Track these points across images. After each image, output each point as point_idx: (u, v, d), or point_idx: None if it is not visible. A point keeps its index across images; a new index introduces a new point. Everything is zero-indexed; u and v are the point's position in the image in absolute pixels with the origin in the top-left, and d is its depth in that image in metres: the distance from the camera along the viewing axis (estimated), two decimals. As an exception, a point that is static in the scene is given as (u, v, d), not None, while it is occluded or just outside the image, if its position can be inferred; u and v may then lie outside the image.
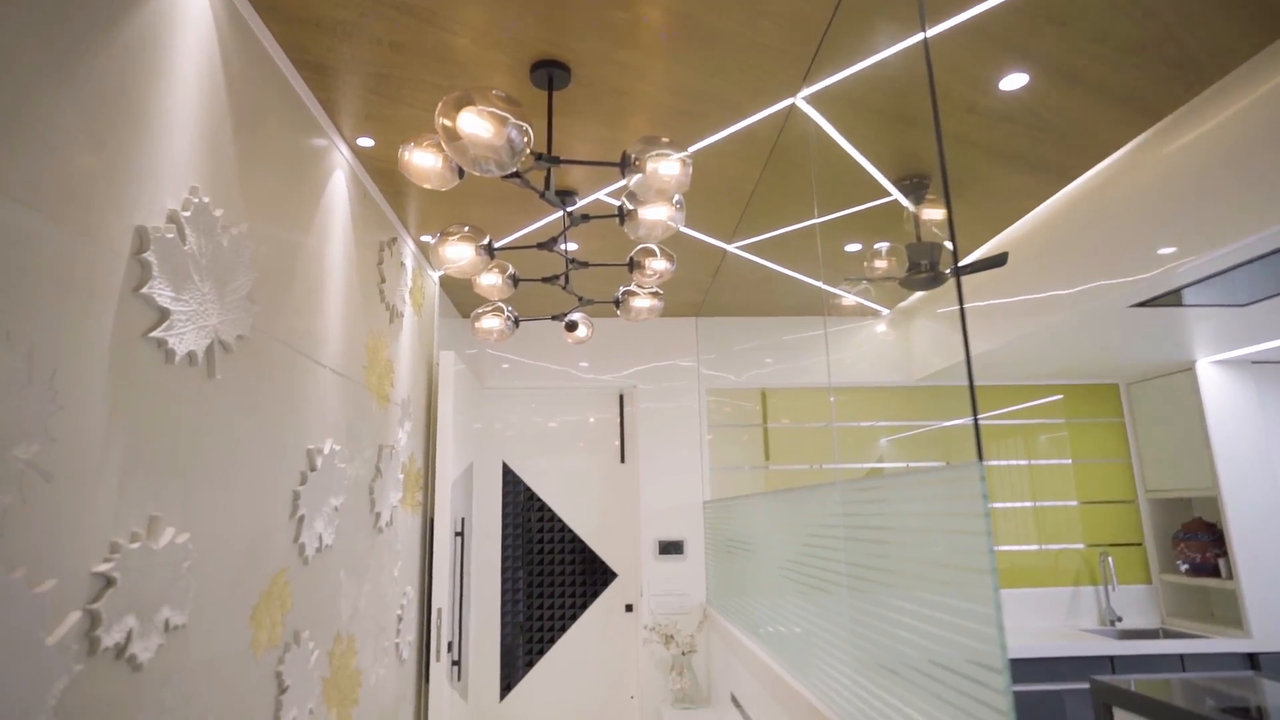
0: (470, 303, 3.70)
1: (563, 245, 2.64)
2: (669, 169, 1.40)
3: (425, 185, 1.56)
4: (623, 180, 1.42)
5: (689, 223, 2.79)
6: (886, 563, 1.31)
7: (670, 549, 3.75)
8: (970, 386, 0.98)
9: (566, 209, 1.85)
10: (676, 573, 3.73)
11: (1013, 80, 1.86)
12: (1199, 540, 3.46)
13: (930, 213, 2.26)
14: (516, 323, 2.64)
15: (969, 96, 1.94)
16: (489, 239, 1.95)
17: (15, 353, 0.92)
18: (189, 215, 1.27)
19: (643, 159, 1.41)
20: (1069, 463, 3.88)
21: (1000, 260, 2.36)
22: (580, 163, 1.54)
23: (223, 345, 1.39)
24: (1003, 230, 2.84)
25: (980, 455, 0.98)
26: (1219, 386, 3.37)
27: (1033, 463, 3.88)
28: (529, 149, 1.27)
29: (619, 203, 1.81)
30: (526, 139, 1.26)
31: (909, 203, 2.49)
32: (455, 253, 1.94)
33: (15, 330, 0.92)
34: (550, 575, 3.93)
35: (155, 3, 1.22)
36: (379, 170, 2.28)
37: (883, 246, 2.53)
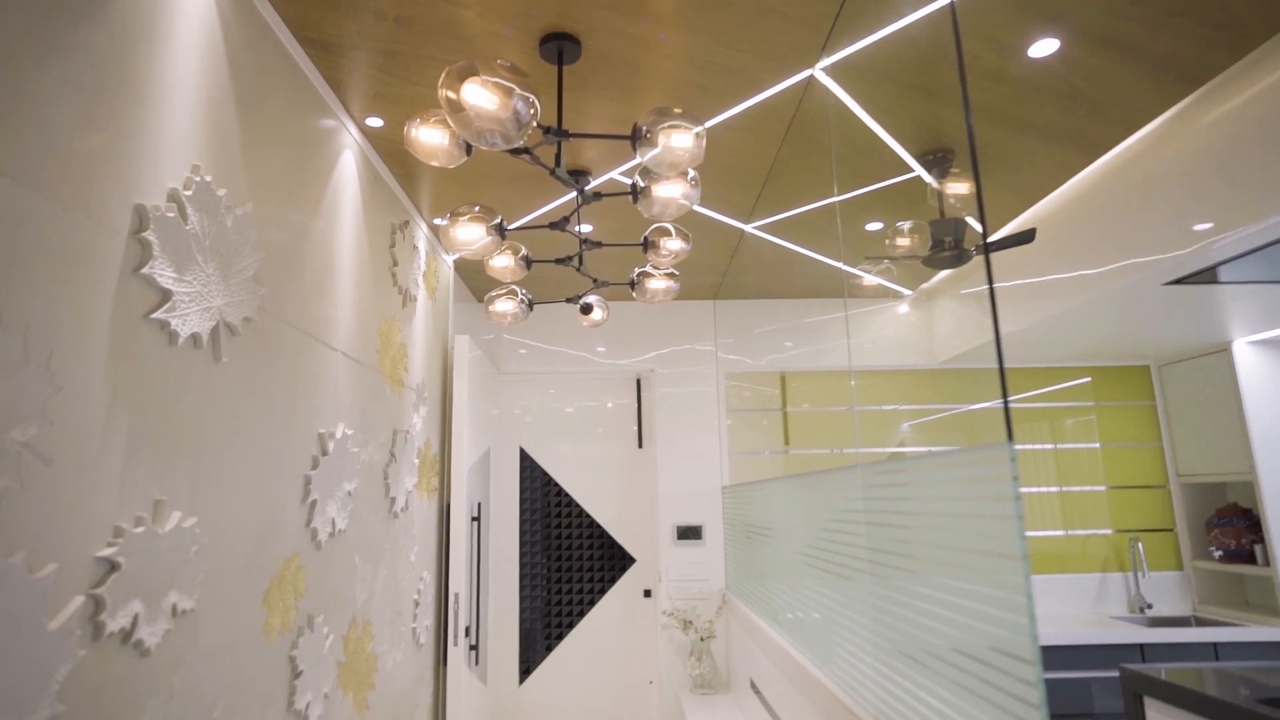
0: (485, 287, 3.67)
1: (576, 226, 2.60)
2: (682, 141, 1.35)
3: (432, 162, 1.53)
4: (636, 158, 1.37)
5: (705, 202, 2.74)
6: (910, 548, 1.26)
7: (688, 534, 3.72)
8: (1000, 365, 0.93)
9: (579, 188, 1.81)
10: (695, 558, 3.71)
11: (1043, 46, 1.78)
12: (1234, 526, 3.36)
13: (954, 187, 2.18)
14: (531, 306, 2.60)
15: (996, 65, 1.86)
16: (500, 219, 1.91)
17: (10, 333, 0.89)
18: (190, 194, 1.25)
19: (654, 131, 1.36)
20: (1097, 446, 3.78)
21: (1028, 237, 2.28)
22: (590, 135, 1.49)
23: (228, 327, 1.37)
24: (1030, 206, 2.75)
25: (1010, 435, 0.93)
26: (1256, 367, 3.26)
27: (1059, 447, 3.79)
28: (536, 121, 1.22)
29: (632, 180, 1.76)
30: (533, 111, 1.22)
31: (932, 179, 2.41)
32: (466, 234, 1.90)
33: (10, 310, 0.90)
34: (568, 561, 3.92)
35: (152, -25, 1.18)
36: (389, 152, 2.24)
37: (905, 224, 2.46)
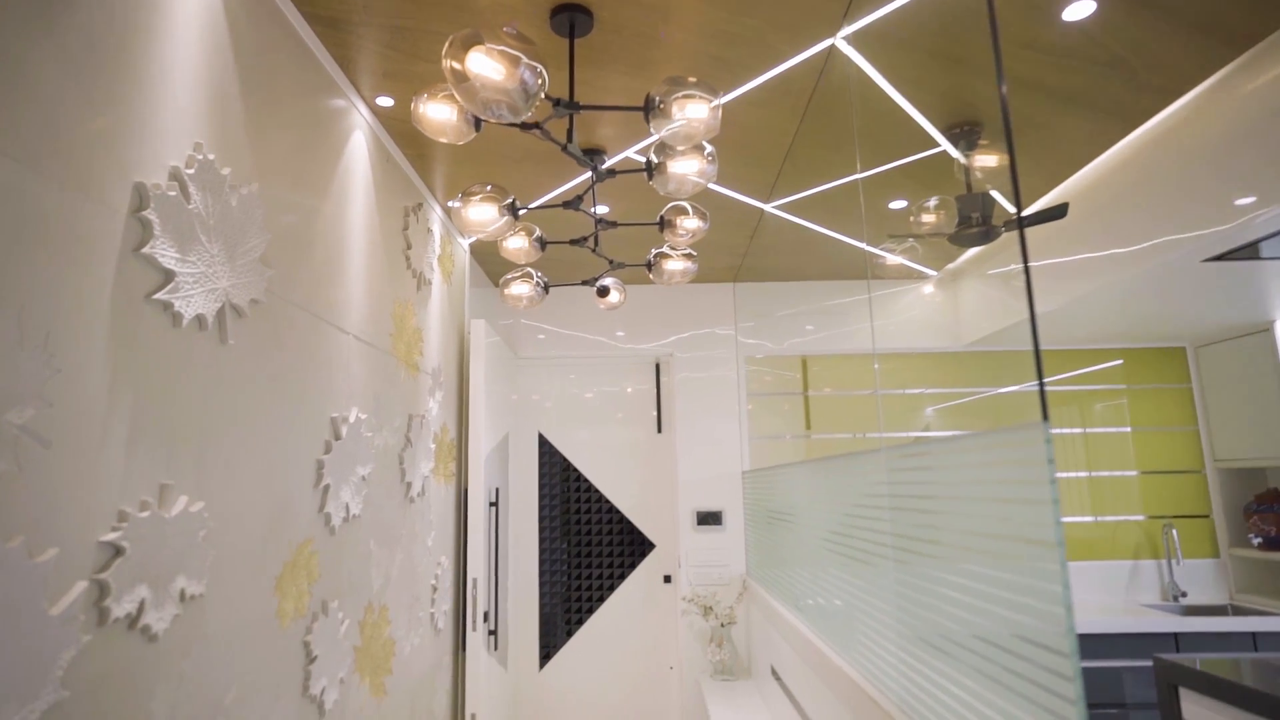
0: (502, 271, 3.64)
1: (591, 207, 2.55)
2: (697, 112, 1.30)
3: (441, 139, 1.49)
4: (651, 134, 1.32)
5: (723, 181, 2.67)
6: (937, 533, 1.21)
7: (709, 519, 3.69)
8: (1034, 342, 0.87)
9: (593, 165, 1.76)
10: (715, 543, 3.67)
11: (1078, 9, 1.69)
12: (1274, 512, 3.25)
13: (983, 160, 2.10)
14: (546, 288, 2.57)
15: (1027, 30, 1.77)
16: (513, 199, 1.87)
17: (4, 314, 0.87)
18: (192, 173, 1.22)
19: (668, 102, 1.30)
20: (1128, 431, 3.67)
21: (1060, 212, 2.19)
22: (602, 108, 1.44)
23: (235, 309, 1.34)
24: (1062, 181, 2.65)
25: (1046, 415, 0.87)
26: (1299, 348, 3.13)
27: (1088, 431, 3.69)
28: (544, 92, 1.18)
29: (647, 160, 1.71)
30: (541, 81, 1.17)
31: (959, 153, 2.32)
32: (479, 214, 1.86)
33: (3, 289, 0.87)
34: (588, 546, 3.91)
35: (148, -55, 1.15)
36: (401, 132, 2.21)
37: (931, 200, 2.38)
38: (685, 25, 1.72)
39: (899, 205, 2.82)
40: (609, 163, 2.40)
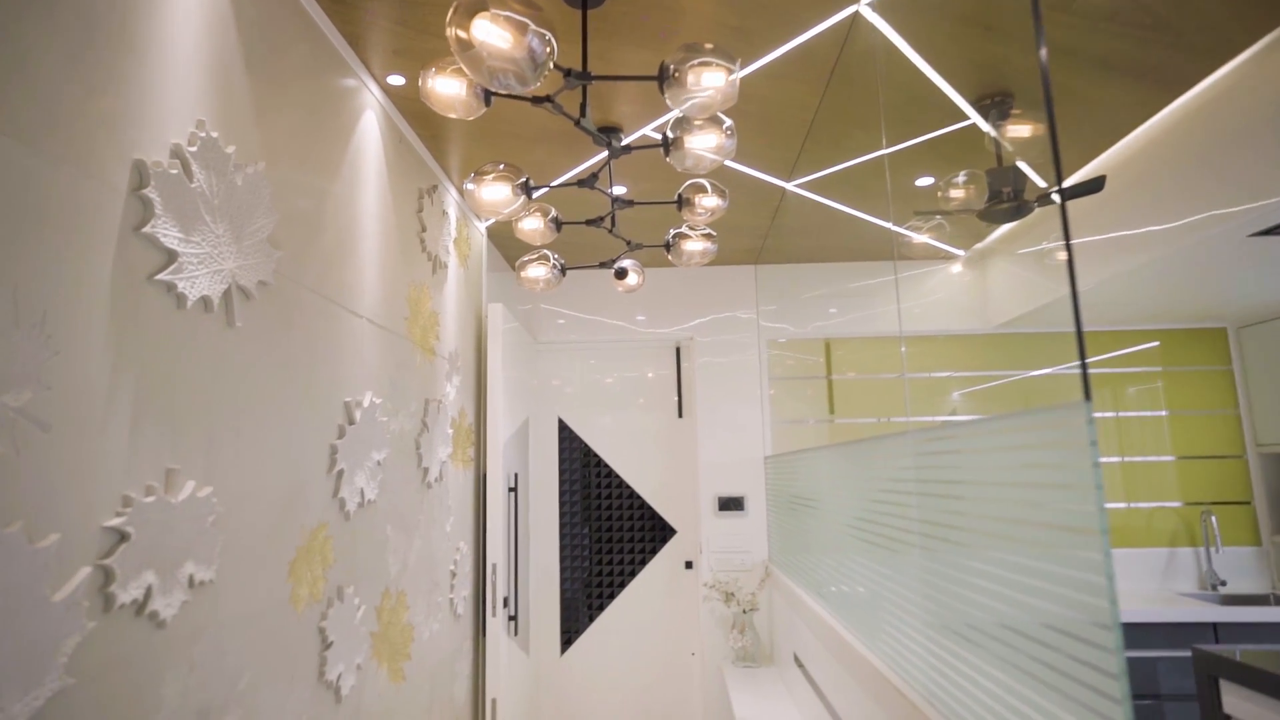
0: (519, 255, 3.60)
1: (609, 187, 2.49)
2: (714, 80, 1.24)
3: (450, 114, 1.44)
4: (668, 104, 1.27)
5: (743, 159, 2.60)
6: (967, 520, 1.15)
7: (730, 505, 3.64)
8: (1076, 318, 0.81)
9: (608, 141, 1.70)
10: (737, 529, 3.63)
11: (1119, -33, 1.60)
12: (1318, 498, 3.12)
13: (1016, 130, 2.00)
14: (563, 271, 2.52)
15: (1065, -9, 1.68)
16: (527, 178, 1.82)
17: (-4, 292, 0.85)
18: (195, 150, 1.19)
19: (683, 70, 1.25)
20: (1163, 414, 3.55)
21: (1096, 185, 2.09)
22: (614, 78, 1.39)
23: (242, 291, 1.32)
24: (1099, 154, 2.54)
25: (1088, 394, 0.81)
26: (1349, 327, 2.99)
27: (1120, 415, 3.57)
28: (552, 60, 1.13)
29: (663, 134, 1.65)
30: (549, 49, 1.12)
31: (989, 126, 2.23)
32: (492, 194, 1.82)
33: (-6, 268, 0.85)
34: (608, 532, 3.89)
35: (145, -86, 1.11)
36: (414, 112, 2.17)
37: (960, 175, 2.29)
38: (702, -7, 1.66)
39: (925, 182, 2.73)
40: (626, 141, 2.34)
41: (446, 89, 1.42)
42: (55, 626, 0.90)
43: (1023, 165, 2.31)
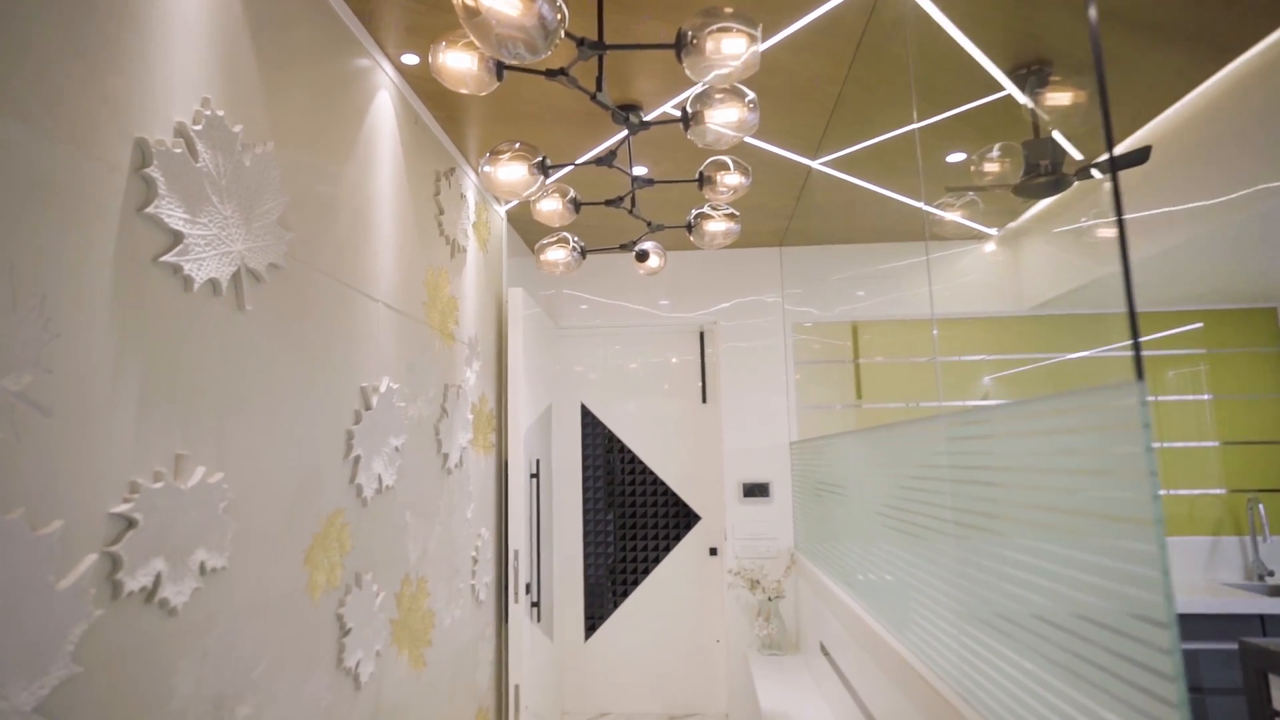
0: (539, 240, 3.56)
1: (629, 167, 2.44)
2: (734, 47, 1.18)
3: (462, 90, 1.40)
4: (686, 72, 1.21)
5: (767, 136, 2.52)
6: (1004, 507, 1.09)
7: (755, 491, 3.59)
8: (1128, 292, 0.74)
9: (625, 116, 1.65)
10: (762, 516, 3.58)
11: (1169, -80, 1.49)
12: (1374, 485, 2.98)
13: (1055, 98, 1.90)
14: (583, 253, 2.48)
15: (1109, -52, 1.58)
16: (543, 157, 1.77)
17: (-9, 273, 0.82)
18: (200, 129, 1.16)
19: (701, 36, 1.19)
20: (1206, 399, 3.41)
21: (1141, 156, 1.99)
22: (629, 46, 1.33)
23: (252, 274, 1.29)
24: (1143, 125, 2.42)
25: (1141, 374, 0.74)
26: None
27: (1159, 399, 3.44)
28: (563, 28, 1.07)
29: (683, 109, 1.59)
30: (560, 15, 1.07)
31: (1025, 96, 2.13)
32: (509, 174, 1.78)
33: (-11, 248, 0.82)
34: (632, 518, 3.86)
35: (143, -116, 1.08)
36: (429, 92, 2.13)
37: (994, 148, 2.19)
38: (723, -40, 1.58)
39: (958, 158, 2.63)
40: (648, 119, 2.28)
41: (457, 63, 1.38)
42: (61, 614, 0.89)
43: (1060, 139, 2.21)
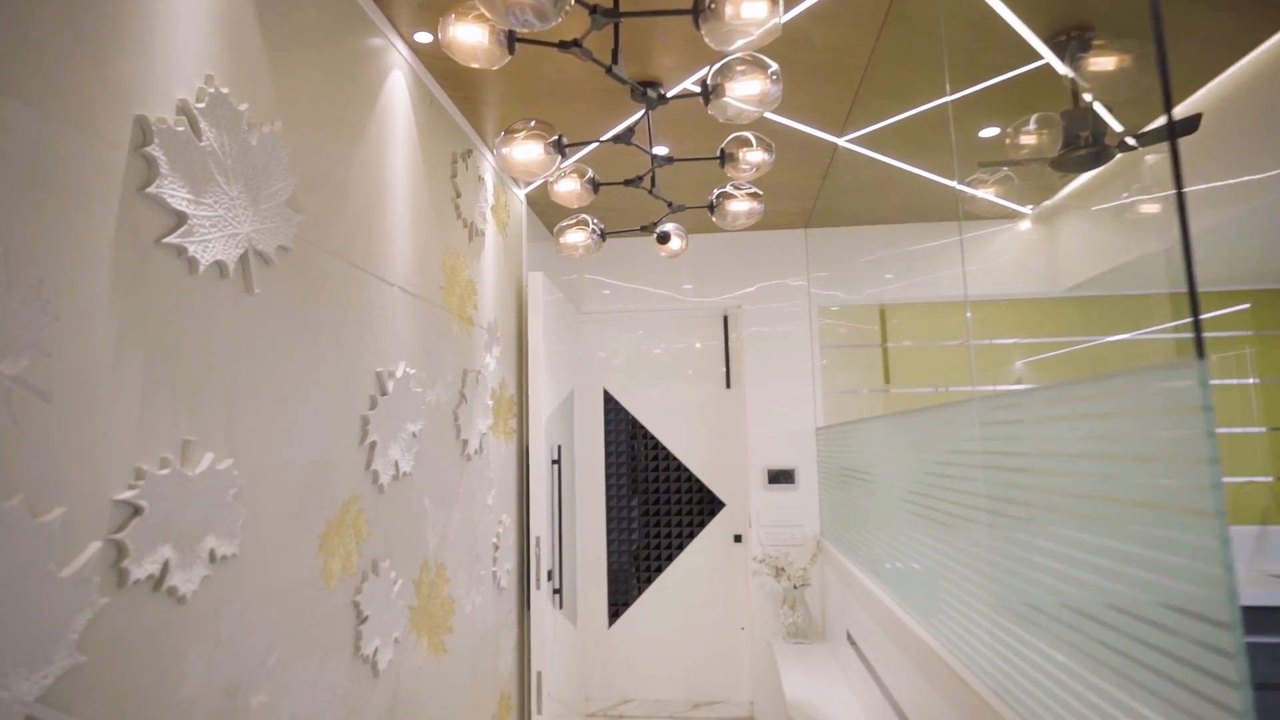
0: (559, 223, 3.51)
1: (649, 147, 2.38)
2: (754, 10, 1.12)
3: (473, 64, 1.35)
4: (706, 45, 1.15)
5: (791, 112, 2.44)
6: (1043, 496, 1.03)
7: (780, 478, 3.53)
8: (1188, 264, 0.68)
9: (643, 91, 1.59)
10: (787, 503, 3.52)
11: None
12: None
13: (1098, 64, 1.80)
14: (603, 236, 2.43)
15: (1159, -99, 1.48)
16: (559, 135, 1.72)
17: (-17, 254, 0.80)
18: (203, 107, 1.13)
19: (720, 0, 1.12)
20: (1253, 383, 3.27)
21: (1191, 125, 1.88)
22: (643, 14, 1.27)
23: (260, 256, 1.26)
24: (1192, 93, 2.29)
25: (1201, 353, 0.68)
26: None
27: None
28: (575, -9, 1.02)
29: (702, 83, 1.53)
30: (571, -21, 1.01)
31: (1065, 65, 2.02)
32: (524, 153, 1.73)
33: (-19, 228, 0.80)
34: (655, 505, 3.83)
35: None
36: (445, 72, 2.09)
37: (1031, 120, 2.09)
38: (744, -77, 1.51)
39: (991, 133, 2.53)
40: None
41: (468, 36, 1.33)
42: (64, 603, 0.87)
43: (1101, 110, 2.10)
